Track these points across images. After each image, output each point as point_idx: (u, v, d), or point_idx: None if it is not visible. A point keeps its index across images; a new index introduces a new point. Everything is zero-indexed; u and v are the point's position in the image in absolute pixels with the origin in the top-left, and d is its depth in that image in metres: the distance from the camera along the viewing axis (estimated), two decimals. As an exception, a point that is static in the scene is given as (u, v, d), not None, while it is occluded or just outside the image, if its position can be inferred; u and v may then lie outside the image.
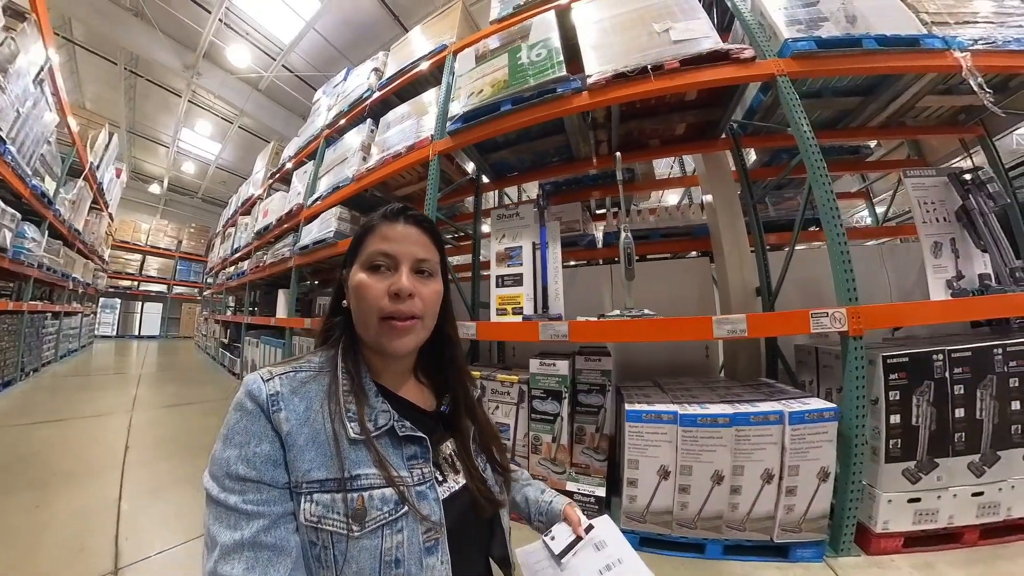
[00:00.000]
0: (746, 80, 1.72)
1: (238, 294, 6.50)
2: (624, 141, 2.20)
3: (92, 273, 7.20)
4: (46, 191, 4.12)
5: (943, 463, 1.33)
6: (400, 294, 0.49)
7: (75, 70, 7.20)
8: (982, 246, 1.63)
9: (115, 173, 7.77)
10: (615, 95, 1.68)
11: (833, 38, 1.65)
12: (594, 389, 1.50)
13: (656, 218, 2.63)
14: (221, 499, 0.40)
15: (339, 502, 0.42)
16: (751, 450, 1.26)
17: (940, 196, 1.75)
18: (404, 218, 0.53)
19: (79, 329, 6.97)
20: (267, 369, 0.48)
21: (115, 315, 10.47)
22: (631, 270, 1.38)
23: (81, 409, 3.20)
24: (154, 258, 11.06)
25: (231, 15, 5.72)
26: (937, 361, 1.34)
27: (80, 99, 7.91)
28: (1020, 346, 1.35)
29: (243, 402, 0.45)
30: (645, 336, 1.36)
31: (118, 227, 9.88)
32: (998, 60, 1.63)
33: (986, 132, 2.35)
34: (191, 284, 11.56)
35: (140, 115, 8.66)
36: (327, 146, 3.52)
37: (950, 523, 1.31)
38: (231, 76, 6.79)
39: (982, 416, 1.34)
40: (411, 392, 0.56)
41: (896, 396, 1.34)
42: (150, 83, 7.57)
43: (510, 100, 1.77)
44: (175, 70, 6.44)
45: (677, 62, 1.64)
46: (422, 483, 0.47)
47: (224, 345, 6.13)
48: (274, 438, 0.43)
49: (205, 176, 11.26)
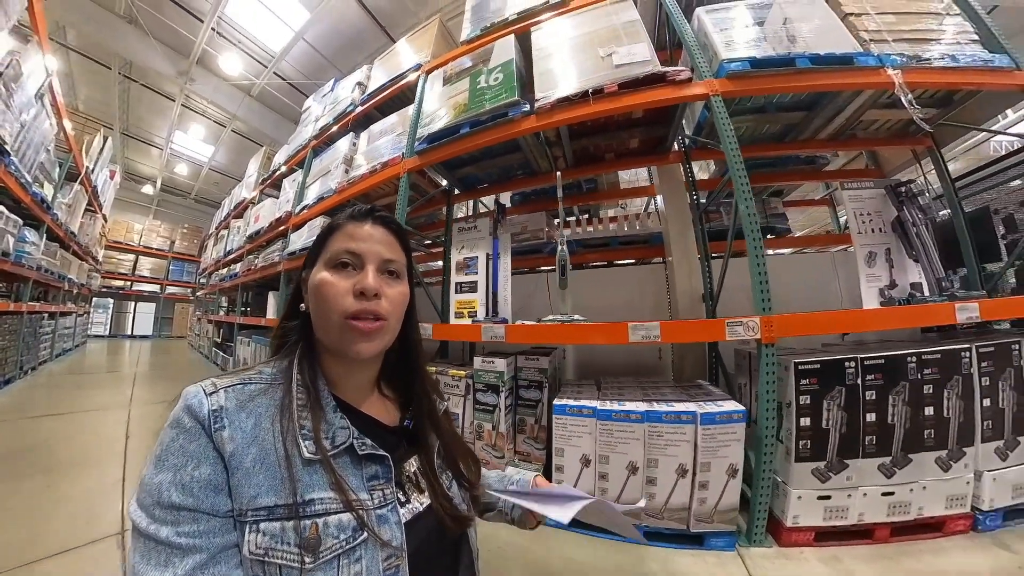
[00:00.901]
0: (681, 100, 1.83)
1: (231, 295, 6.71)
2: (581, 155, 2.41)
3: (86, 274, 7.40)
4: (45, 197, 4.33)
5: (853, 464, 1.41)
6: (366, 292, 0.47)
7: (69, 73, 7.37)
8: (914, 256, 1.70)
9: (109, 175, 7.95)
10: (560, 118, 1.85)
11: (767, 58, 1.73)
12: (533, 385, 1.72)
13: (616, 226, 2.88)
14: (151, 532, 0.36)
15: (290, 531, 0.38)
16: (665, 445, 1.37)
17: (877, 207, 1.83)
18: (372, 218, 0.52)
19: (73, 329, 7.15)
20: (211, 380, 0.44)
21: (108, 315, 10.66)
22: (564, 279, 1.60)
23: (81, 404, 3.42)
24: (147, 258, 11.22)
25: (223, 24, 5.93)
26: (849, 368, 1.41)
27: (73, 101, 8.07)
28: (934, 354, 1.43)
29: (180, 418, 0.41)
30: (571, 339, 1.59)
31: (111, 227, 10.02)
32: (928, 77, 1.74)
33: (935, 144, 2.43)
34: (184, 284, 11.71)
35: (134, 117, 8.84)
36: (314, 156, 3.75)
37: (860, 520, 1.38)
38: (224, 82, 7.00)
39: (894, 421, 1.41)
40: (373, 406, 0.53)
41: (807, 400, 1.42)
42: (144, 87, 7.77)
43: (469, 123, 1.99)
44: (168, 76, 6.65)
45: (616, 86, 1.79)
46: (383, 505, 0.44)
47: (217, 344, 6.36)
48: (215, 460, 0.39)
49: (198, 177, 11.42)
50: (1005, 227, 2.33)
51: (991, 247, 2.28)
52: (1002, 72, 1.75)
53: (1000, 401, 1.49)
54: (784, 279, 2.37)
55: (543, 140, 2.18)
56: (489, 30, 2.51)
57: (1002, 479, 1.44)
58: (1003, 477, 1.44)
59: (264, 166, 5.57)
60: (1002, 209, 2.33)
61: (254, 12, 5.73)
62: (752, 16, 1.89)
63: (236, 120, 8.30)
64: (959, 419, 1.43)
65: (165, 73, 6.56)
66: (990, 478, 1.43)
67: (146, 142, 9.80)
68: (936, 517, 1.40)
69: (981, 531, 1.40)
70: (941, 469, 1.42)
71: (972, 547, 1.33)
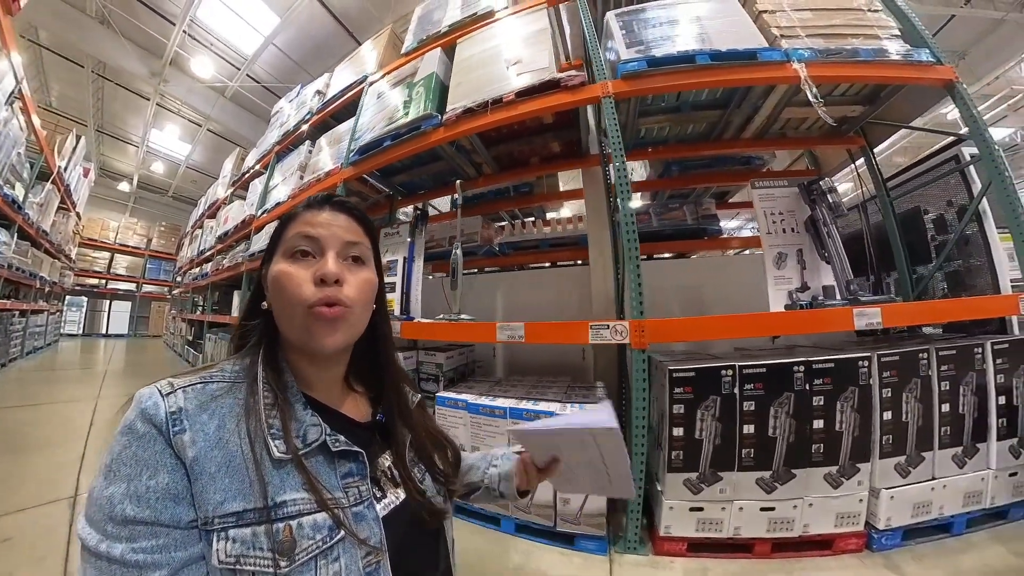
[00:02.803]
0: (575, 104, 1.88)
1: (203, 294, 6.96)
2: (506, 161, 2.64)
3: (59, 272, 7.55)
4: (16, 198, 4.56)
5: (728, 477, 1.35)
6: (326, 279, 0.45)
7: (41, 70, 7.47)
8: (826, 257, 1.65)
9: (83, 172, 8.05)
10: (466, 128, 1.99)
11: (666, 56, 1.73)
12: (431, 378, 1.98)
13: (550, 229, 3.20)
14: (102, 551, 0.34)
15: (262, 536, 0.37)
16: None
17: (790, 207, 1.78)
18: (330, 205, 0.50)
19: (45, 327, 7.27)
20: (167, 380, 0.43)
21: (81, 313, 10.74)
22: (455, 280, 1.86)
23: (52, 396, 3.69)
24: (123, 256, 11.27)
25: (195, 27, 6.17)
26: (726, 377, 1.35)
27: (46, 98, 8.21)
28: (827, 363, 1.36)
29: (133, 424, 0.39)
30: (452, 336, 1.83)
31: (86, 225, 10.06)
32: (836, 71, 1.71)
33: (867, 142, 2.46)
34: (161, 283, 11.78)
35: (108, 115, 8.95)
36: (278, 161, 4.00)
37: (737, 534, 1.34)
38: (198, 83, 7.22)
39: (775, 434, 1.35)
40: (343, 402, 0.53)
41: (680, 409, 1.37)
42: (118, 86, 7.93)
43: (391, 136, 2.24)
44: (142, 76, 6.85)
45: (513, 95, 1.87)
46: (359, 503, 0.44)
47: (189, 342, 6.62)
48: (175, 467, 0.38)
49: (175, 175, 11.54)
50: (935, 228, 2.26)
51: (923, 249, 2.26)
52: (921, 66, 1.73)
53: (904, 414, 1.40)
54: (716, 281, 2.62)
55: (461, 149, 2.42)
56: (424, 42, 2.64)
57: (901, 497, 1.37)
58: (902, 495, 1.37)
59: (237, 167, 5.80)
60: (932, 210, 2.26)
61: (225, 16, 5.98)
62: (663, 16, 1.91)
63: (211, 121, 8.50)
64: (853, 433, 1.36)
65: (138, 74, 6.76)
66: (887, 496, 1.36)
67: (122, 139, 9.91)
68: (824, 535, 1.35)
69: (876, 550, 1.34)
70: (830, 486, 1.36)
71: (859, 567, 1.29)
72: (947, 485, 1.41)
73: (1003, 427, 1.46)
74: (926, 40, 1.81)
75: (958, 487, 1.42)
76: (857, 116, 2.23)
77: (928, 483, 1.41)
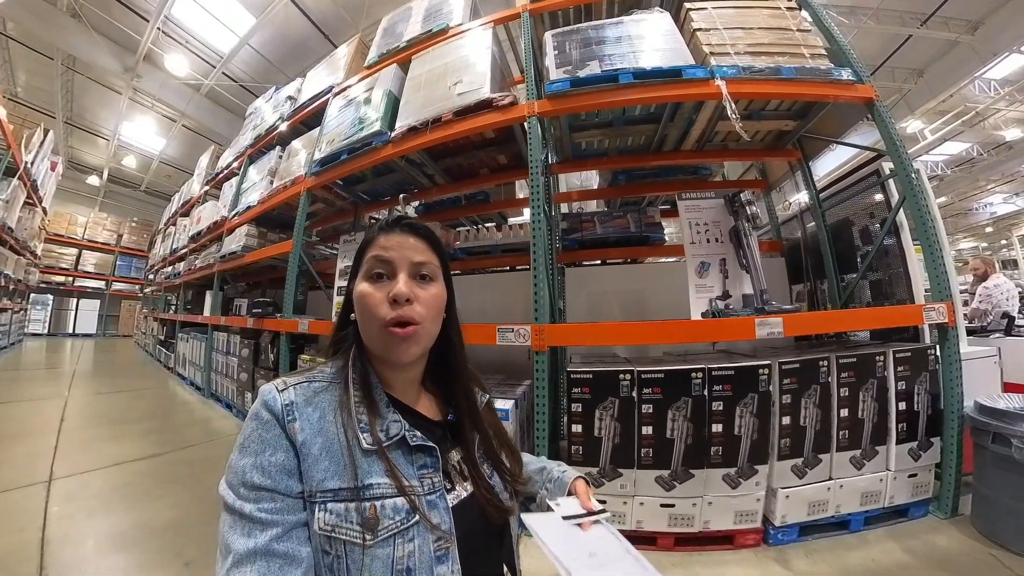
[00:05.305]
0: (504, 123, 2.00)
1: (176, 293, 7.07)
2: (456, 172, 2.89)
3: (23, 269, 7.54)
4: (-19, 195, 4.68)
5: (628, 473, 1.46)
6: (398, 299, 0.52)
7: (7, 59, 7.48)
8: (745, 267, 1.74)
9: (50, 166, 8.04)
10: (410, 144, 2.17)
11: (590, 76, 1.83)
12: None
13: (502, 235, 3.48)
14: (236, 507, 0.44)
15: (352, 511, 0.45)
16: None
17: (715, 217, 1.87)
18: (400, 227, 0.58)
19: (8, 326, 7.29)
20: (282, 379, 0.52)
21: (47, 312, 10.62)
22: None
23: (19, 395, 3.87)
24: (91, 252, 11.11)
25: (170, 24, 6.30)
26: (624, 380, 1.45)
27: (13, 88, 8.18)
28: (727, 371, 1.44)
29: (259, 412, 0.49)
30: None
31: (52, 219, 9.93)
32: (756, 87, 1.81)
33: (803, 155, 2.65)
34: (132, 280, 11.66)
35: (78, 107, 8.93)
36: (250, 164, 4.21)
37: (640, 527, 1.45)
38: (172, 79, 7.31)
39: (673, 435, 1.44)
40: (420, 402, 0.60)
41: (579, 408, 1.47)
42: (89, 80, 7.97)
43: (347, 150, 2.47)
44: (114, 71, 6.92)
45: (451, 114, 2.00)
46: (432, 492, 0.50)
47: (161, 342, 6.74)
48: (288, 448, 0.47)
49: (148, 170, 11.47)
50: (861, 239, 2.42)
51: (851, 259, 2.42)
52: (842, 84, 1.84)
53: (802, 419, 1.49)
54: (657, 287, 2.84)
55: (412, 162, 2.67)
56: (385, 56, 2.79)
57: (797, 496, 1.47)
58: (798, 494, 1.47)
59: (212, 163, 5.91)
60: (858, 221, 2.42)
61: (200, 15, 6.12)
62: (594, 36, 2.00)
63: (186, 117, 8.55)
64: (752, 437, 1.44)
65: (110, 69, 6.84)
66: (783, 495, 1.46)
67: (92, 132, 9.85)
68: (724, 531, 1.45)
69: (772, 544, 1.45)
70: (729, 486, 1.44)
71: (752, 560, 1.40)
72: (844, 485, 1.51)
73: (903, 431, 1.57)
74: (850, 60, 1.93)
75: (855, 487, 1.53)
76: (791, 130, 2.49)
77: (824, 483, 1.50)
